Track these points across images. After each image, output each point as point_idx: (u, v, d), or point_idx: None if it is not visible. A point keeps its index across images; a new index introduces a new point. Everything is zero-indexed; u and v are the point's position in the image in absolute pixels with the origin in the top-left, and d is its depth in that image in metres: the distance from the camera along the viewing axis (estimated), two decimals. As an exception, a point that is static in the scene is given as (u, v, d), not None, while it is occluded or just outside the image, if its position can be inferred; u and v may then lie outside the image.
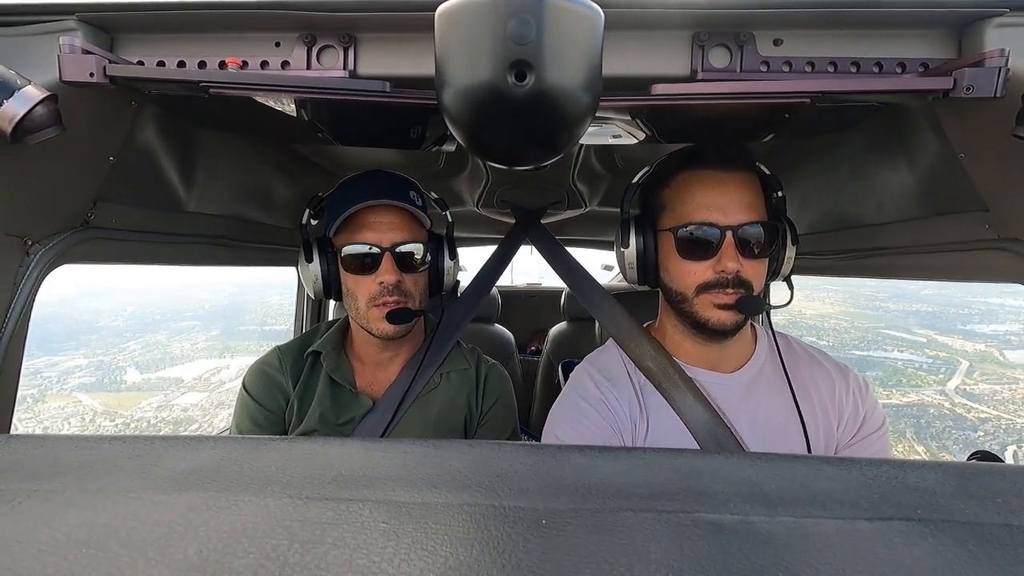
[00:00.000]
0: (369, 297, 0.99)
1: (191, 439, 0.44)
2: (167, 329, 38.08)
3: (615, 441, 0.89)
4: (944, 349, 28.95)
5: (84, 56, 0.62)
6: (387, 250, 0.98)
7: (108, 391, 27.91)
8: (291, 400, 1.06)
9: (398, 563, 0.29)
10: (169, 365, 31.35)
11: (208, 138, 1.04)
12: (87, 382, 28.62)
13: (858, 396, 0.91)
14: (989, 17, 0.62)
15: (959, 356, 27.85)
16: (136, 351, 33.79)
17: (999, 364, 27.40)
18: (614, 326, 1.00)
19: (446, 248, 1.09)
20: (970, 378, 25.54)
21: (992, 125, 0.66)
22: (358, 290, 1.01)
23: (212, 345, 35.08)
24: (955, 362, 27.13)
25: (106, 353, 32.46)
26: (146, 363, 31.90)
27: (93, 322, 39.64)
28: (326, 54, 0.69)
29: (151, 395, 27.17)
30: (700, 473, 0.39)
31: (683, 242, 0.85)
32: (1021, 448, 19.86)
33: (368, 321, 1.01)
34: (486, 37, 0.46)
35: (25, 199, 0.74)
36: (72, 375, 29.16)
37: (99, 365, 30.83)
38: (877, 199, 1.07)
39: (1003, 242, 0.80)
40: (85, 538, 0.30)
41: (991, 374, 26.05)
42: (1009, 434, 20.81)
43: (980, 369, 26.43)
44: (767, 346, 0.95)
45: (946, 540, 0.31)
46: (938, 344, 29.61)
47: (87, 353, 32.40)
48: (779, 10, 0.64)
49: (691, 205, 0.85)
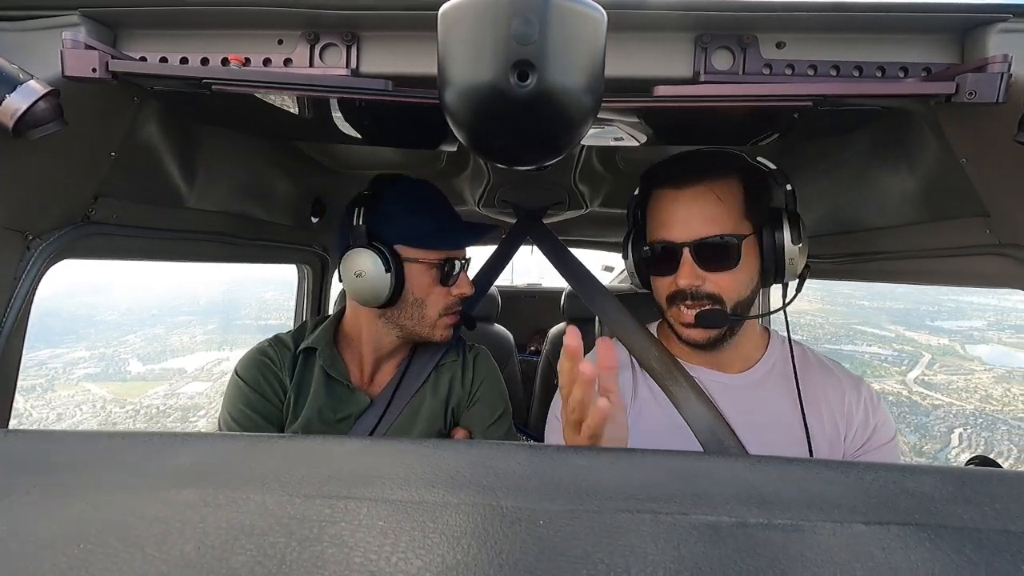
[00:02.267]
0: (445, 307, 1.05)
1: (189, 435, 0.44)
2: (164, 324, 39.63)
3: None
4: (910, 343, 31.01)
5: (87, 51, 0.62)
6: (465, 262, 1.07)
7: (114, 381, 29.02)
8: (287, 392, 1.06)
9: (395, 561, 0.29)
10: (171, 357, 32.53)
11: (210, 135, 1.04)
12: (93, 372, 29.76)
13: (869, 407, 0.90)
14: (992, 22, 0.62)
15: (923, 350, 30.00)
16: (137, 344, 34.92)
17: (959, 357, 29.66)
18: (617, 326, 1.01)
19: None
20: (930, 369, 27.82)
21: (994, 130, 0.66)
22: (431, 300, 1.04)
23: (211, 339, 36.24)
24: (919, 355, 29.35)
25: (107, 346, 33.74)
26: (148, 355, 33.05)
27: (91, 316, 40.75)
28: (329, 52, 0.69)
29: (156, 384, 28.33)
30: (698, 475, 0.39)
31: (649, 259, 0.90)
32: (966, 431, 21.48)
33: (433, 329, 1.06)
34: (489, 37, 0.46)
35: (26, 194, 0.74)
36: (77, 366, 30.30)
37: (102, 357, 31.96)
38: (878, 203, 1.07)
39: (1004, 248, 0.80)
40: (83, 534, 0.30)
41: (950, 366, 28.26)
42: (957, 418, 22.67)
43: (941, 361, 28.62)
44: (780, 350, 0.95)
45: (943, 545, 0.31)
46: (905, 339, 31.62)
47: (88, 345, 33.67)
48: (782, 13, 0.64)
49: (655, 222, 0.89)
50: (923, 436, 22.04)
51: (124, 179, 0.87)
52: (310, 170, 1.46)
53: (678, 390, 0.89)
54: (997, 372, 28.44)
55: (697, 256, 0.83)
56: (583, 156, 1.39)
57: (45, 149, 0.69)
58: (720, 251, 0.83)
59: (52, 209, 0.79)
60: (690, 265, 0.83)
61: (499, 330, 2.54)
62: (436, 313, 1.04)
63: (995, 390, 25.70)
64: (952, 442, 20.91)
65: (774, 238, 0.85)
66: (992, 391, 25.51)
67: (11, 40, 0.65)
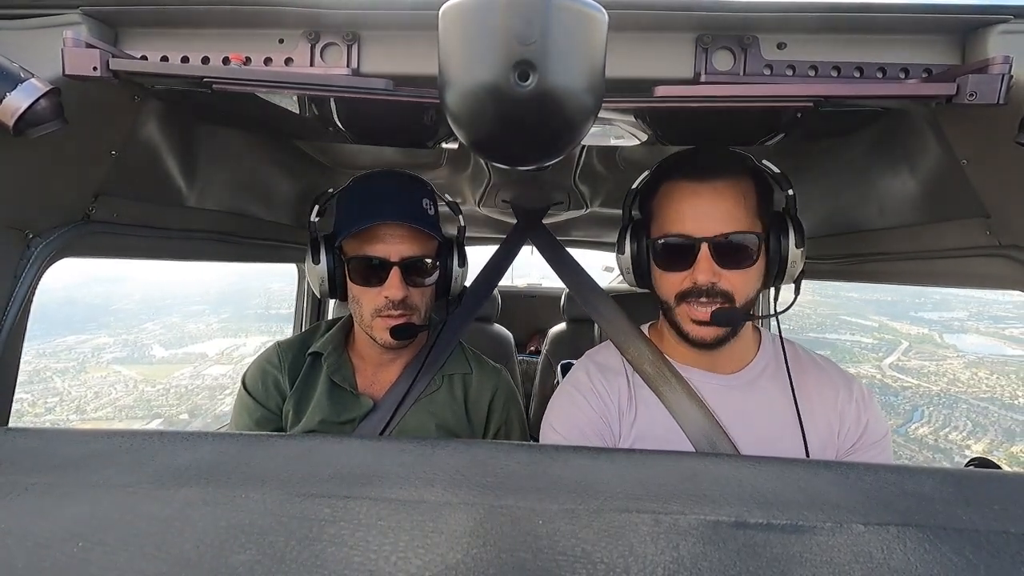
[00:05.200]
0: (375, 309, 0.99)
1: (189, 434, 0.44)
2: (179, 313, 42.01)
3: (604, 429, 0.90)
4: (891, 332, 33.24)
5: (88, 50, 0.62)
6: (395, 264, 0.97)
7: (141, 364, 30.74)
8: (288, 399, 1.06)
9: (395, 560, 0.29)
10: (191, 343, 34.49)
11: (210, 134, 1.04)
12: (120, 356, 31.48)
13: (860, 405, 0.91)
14: (993, 24, 0.62)
15: (902, 338, 32.32)
16: (156, 331, 36.82)
17: (935, 345, 32.00)
18: (612, 328, 1.01)
19: (456, 254, 1.08)
20: (905, 356, 30.09)
21: (994, 132, 0.66)
22: (363, 299, 1.00)
23: (226, 327, 38.22)
24: (898, 343, 31.67)
25: (128, 332, 35.64)
26: (168, 341, 34.95)
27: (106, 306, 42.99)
28: (330, 51, 0.69)
29: (181, 367, 30.21)
30: (698, 475, 0.39)
31: (661, 253, 0.87)
32: (928, 409, 23.68)
33: (372, 330, 1.02)
34: (489, 36, 0.46)
35: (27, 192, 0.74)
36: (104, 351, 31.93)
37: (125, 343, 33.69)
38: (878, 204, 1.07)
39: (1004, 249, 0.80)
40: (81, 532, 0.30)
41: (925, 353, 30.51)
42: (922, 398, 24.82)
43: (917, 349, 30.87)
44: (772, 350, 0.95)
45: (943, 546, 0.31)
46: (887, 328, 33.77)
47: (110, 332, 35.54)
48: (783, 14, 0.64)
49: (668, 216, 0.86)
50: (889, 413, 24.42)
51: (124, 178, 0.87)
52: (310, 169, 1.46)
53: (671, 393, 0.89)
54: (968, 359, 30.47)
55: (715, 252, 0.82)
56: (583, 156, 1.39)
57: (45, 148, 0.69)
58: (739, 248, 0.83)
59: (52, 208, 0.79)
60: (708, 261, 0.82)
61: (499, 330, 2.54)
62: (368, 314, 1.00)
63: (963, 374, 27.77)
64: (913, 418, 23.45)
65: (779, 240, 0.85)
66: (960, 375, 27.60)
67: (12, 39, 0.65)
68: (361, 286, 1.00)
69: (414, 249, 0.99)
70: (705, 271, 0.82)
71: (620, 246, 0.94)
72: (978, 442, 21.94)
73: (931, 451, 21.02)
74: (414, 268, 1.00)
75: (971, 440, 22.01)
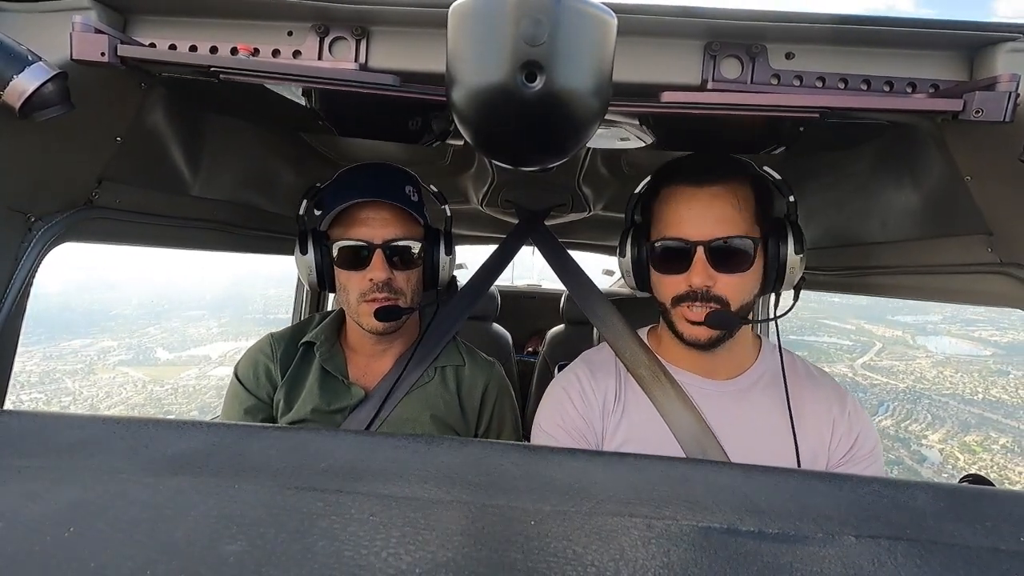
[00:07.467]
0: (360, 293, 1.01)
1: (183, 423, 0.44)
2: (179, 317, 43.57)
3: (585, 429, 0.91)
4: (867, 335, 35.23)
5: (96, 35, 0.62)
6: (378, 247, 0.99)
7: (146, 366, 31.90)
8: (279, 388, 1.06)
9: (386, 556, 0.29)
10: (193, 346, 35.99)
11: (216, 123, 1.04)
12: (126, 359, 32.52)
13: (852, 417, 0.92)
14: (1002, 42, 0.62)
15: (876, 340, 34.40)
16: (158, 335, 38.09)
17: (906, 346, 34.40)
18: (609, 331, 1.01)
19: (442, 243, 1.08)
20: (878, 356, 32.25)
21: (1000, 149, 0.66)
22: (349, 285, 1.02)
23: (226, 330, 39.35)
24: (872, 344, 33.73)
25: (131, 336, 36.90)
26: (171, 344, 36.28)
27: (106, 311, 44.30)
28: (338, 45, 0.69)
29: (186, 368, 31.62)
30: (691, 481, 0.39)
31: (658, 256, 0.88)
32: (893, 403, 25.95)
33: (358, 316, 1.03)
34: (498, 36, 0.46)
35: (30, 175, 0.74)
36: (110, 353, 32.89)
37: (129, 346, 34.92)
38: (880, 218, 1.07)
39: (1005, 267, 0.80)
40: (72, 516, 0.30)
41: (896, 353, 32.67)
42: (889, 394, 27.01)
43: (890, 350, 33.02)
44: (770, 358, 0.95)
45: (933, 561, 0.31)
46: (863, 331, 35.79)
47: (113, 336, 36.70)
48: (792, 24, 0.64)
49: (666, 220, 0.87)
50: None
51: (128, 164, 0.87)
52: (315, 162, 1.46)
53: (663, 397, 0.89)
54: (936, 358, 32.53)
55: (711, 256, 0.83)
56: (588, 159, 1.39)
57: (51, 131, 0.69)
58: (735, 253, 0.83)
59: (55, 192, 0.79)
60: (703, 264, 0.83)
61: (498, 329, 2.54)
62: (355, 299, 1.01)
63: (930, 373, 29.99)
64: (879, 412, 25.24)
65: (778, 246, 0.86)
66: (927, 373, 29.78)
67: (21, 22, 0.65)
68: (347, 271, 1.01)
69: (397, 231, 1.00)
70: (700, 274, 0.83)
71: (622, 249, 0.95)
72: (935, 432, 23.49)
73: (891, 440, 22.59)
74: (398, 251, 1.01)
75: (929, 431, 23.65)
